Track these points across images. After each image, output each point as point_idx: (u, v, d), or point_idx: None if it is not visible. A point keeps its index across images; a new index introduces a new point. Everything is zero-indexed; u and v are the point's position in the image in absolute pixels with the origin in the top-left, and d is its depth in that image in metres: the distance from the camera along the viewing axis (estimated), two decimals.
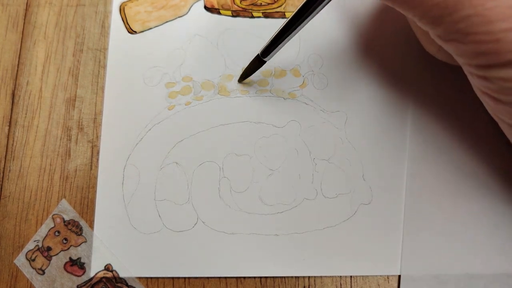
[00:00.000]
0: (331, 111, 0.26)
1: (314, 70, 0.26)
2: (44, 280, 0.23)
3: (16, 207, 0.25)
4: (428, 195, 0.24)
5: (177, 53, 0.27)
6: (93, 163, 0.25)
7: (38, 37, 0.27)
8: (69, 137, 0.26)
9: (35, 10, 0.28)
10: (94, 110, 0.26)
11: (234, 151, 0.25)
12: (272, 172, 0.25)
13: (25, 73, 0.27)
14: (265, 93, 0.26)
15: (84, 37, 0.27)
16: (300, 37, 0.27)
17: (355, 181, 0.25)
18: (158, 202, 0.24)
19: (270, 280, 0.23)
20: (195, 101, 0.26)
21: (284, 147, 0.25)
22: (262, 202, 0.24)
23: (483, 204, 0.24)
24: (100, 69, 0.27)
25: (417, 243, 0.24)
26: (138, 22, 0.27)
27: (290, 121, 0.26)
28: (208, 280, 0.23)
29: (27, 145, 0.25)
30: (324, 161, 0.25)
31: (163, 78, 0.26)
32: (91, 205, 0.25)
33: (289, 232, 0.24)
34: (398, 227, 0.24)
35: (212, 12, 0.28)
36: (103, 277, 0.23)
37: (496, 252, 0.23)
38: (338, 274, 0.23)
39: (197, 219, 0.24)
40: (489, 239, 0.23)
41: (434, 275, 0.23)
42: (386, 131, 0.25)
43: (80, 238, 0.24)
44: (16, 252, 0.24)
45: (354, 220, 0.24)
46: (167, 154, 0.25)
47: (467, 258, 0.23)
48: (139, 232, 0.24)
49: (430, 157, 0.25)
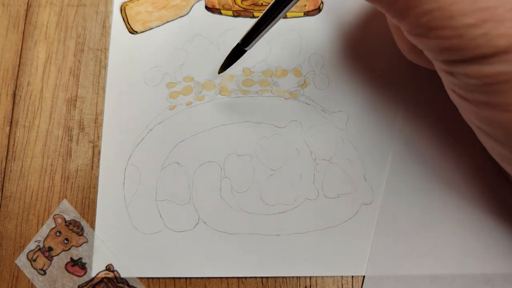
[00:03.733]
0: (332, 111, 0.26)
1: (315, 70, 0.26)
2: (45, 281, 0.23)
3: (17, 207, 0.25)
4: (404, 196, 0.24)
5: (178, 53, 0.27)
6: (94, 163, 0.25)
7: (39, 37, 0.27)
8: (70, 137, 0.26)
9: (36, 10, 0.28)
10: (95, 110, 0.26)
11: (235, 151, 0.25)
12: (273, 172, 0.25)
13: (26, 73, 0.27)
14: (266, 93, 0.26)
15: (85, 37, 0.27)
16: (301, 36, 0.27)
17: (357, 181, 0.25)
18: (159, 202, 0.24)
19: (272, 280, 0.23)
20: (196, 101, 0.26)
21: (285, 147, 0.25)
22: (263, 202, 0.24)
23: (450, 205, 0.24)
24: (101, 69, 0.27)
25: (386, 244, 0.23)
26: (139, 22, 0.27)
27: (291, 121, 0.26)
28: (210, 280, 0.23)
29: (28, 145, 0.25)
30: (325, 161, 0.25)
31: (164, 78, 0.26)
32: (92, 205, 0.25)
33: (290, 232, 0.24)
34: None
35: (213, 12, 0.28)
36: (104, 277, 0.23)
37: (460, 253, 0.23)
38: (339, 274, 0.23)
39: (198, 219, 0.24)
40: (454, 240, 0.23)
41: (401, 275, 0.23)
42: (387, 131, 0.25)
43: (81, 238, 0.24)
44: (17, 252, 0.24)
45: (355, 220, 0.24)
46: (168, 154, 0.25)
47: (432, 259, 0.23)
48: (140, 232, 0.24)
49: (409, 160, 0.25)
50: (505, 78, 0.16)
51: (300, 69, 0.26)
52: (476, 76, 0.17)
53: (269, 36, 0.27)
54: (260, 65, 0.26)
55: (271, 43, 0.27)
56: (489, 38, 0.16)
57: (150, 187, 0.25)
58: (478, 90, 0.17)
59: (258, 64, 0.26)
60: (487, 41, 0.16)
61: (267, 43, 0.27)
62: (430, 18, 0.16)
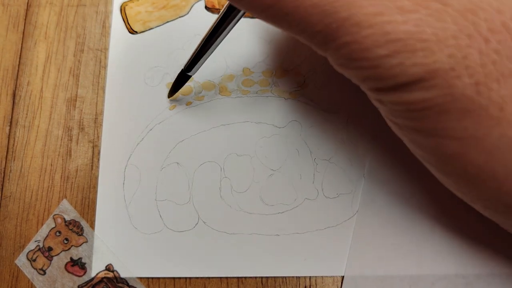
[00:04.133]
0: (332, 111, 0.26)
1: (315, 70, 0.26)
2: (45, 281, 0.23)
3: (17, 207, 0.25)
4: (384, 196, 0.24)
5: (178, 53, 0.27)
6: (94, 163, 0.25)
7: (39, 37, 0.27)
8: (70, 137, 0.26)
9: (35, 10, 0.28)
10: (95, 110, 0.26)
11: (235, 151, 0.25)
12: (273, 172, 0.25)
13: (26, 73, 0.27)
14: (266, 93, 0.26)
15: (85, 37, 0.27)
16: None
17: (356, 181, 0.25)
18: (159, 202, 0.24)
19: (271, 280, 0.23)
20: (196, 101, 0.26)
21: (285, 147, 0.25)
22: (263, 202, 0.24)
23: (431, 204, 0.24)
24: (101, 69, 0.27)
25: (364, 244, 0.23)
26: (139, 22, 0.27)
27: (291, 121, 0.26)
28: (209, 280, 0.23)
29: (28, 145, 0.25)
30: (325, 161, 0.25)
31: (164, 78, 0.26)
32: (92, 205, 0.25)
33: (290, 232, 0.24)
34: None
35: (213, 12, 0.28)
36: (104, 277, 0.23)
37: (443, 253, 0.23)
38: (339, 274, 0.23)
39: (198, 219, 0.24)
40: (435, 240, 0.23)
41: (379, 276, 0.23)
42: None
43: (81, 238, 0.24)
44: (17, 252, 0.24)
45: (355, 220, 0.24)
46: (168, 154, 0.25)
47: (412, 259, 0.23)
48: (140, 232, 0.24)
49: (388, 158, 0.25)
50: (424, 105, 0.17)
51: (300, 69, 0.26)
52: (398, 103, 0.17)
53: (269, 36, 0.27)
54: (260, 65, 0.26)
55: (271, 43, 0.27)
56: (404, 67, 0.16)
57: (150, 187, 0.25)
58: (403, 116, 0.18)
59: (258, 64, 0.27)
60: (403, 71, 0.16)
61: (267, 43, 0.27)
62: (348, 51, 0.17)
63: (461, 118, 0.16)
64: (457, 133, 0.17)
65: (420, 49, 0.16)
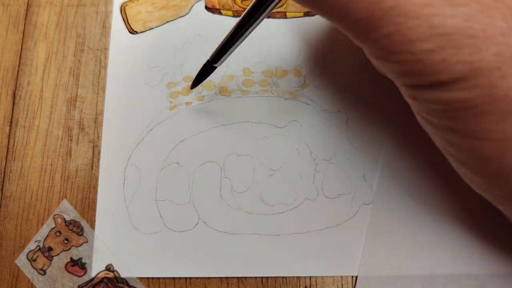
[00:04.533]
0: (332, 111, 0.26)
1: (315, 70, 0.26)
2: (45, 281, 0.23)
3: (17, 207, 0.25)
4: (397, 197, 0.24)
5: (178, 53, 0.27)
6: (94, 163, 0.25)
7: (39, 37, 0.27)
8: (70, 137, 0.26)
9: (36, 10, 0.28)
10: (95, 110, 0.26)
11: (235, 151, 0.25)
12: (273, 172, 0.25)
13: (26, 73, 0.27)
14: (266, 93, 0.26)
15: (85, 37, 0.27)
16: (301, 37, 0.27)
17: (356, 181, 0.25)
18: (159, 202, 0.24)
19: (272, 280, 0.23)
20: (196, 101, 0.26)
21: (285, 147, 0.25)
22: (263, 202, 0.24)
23: (444, 205, 0.24)
24: (101, 69, 0.27)
25: (378, 244, 0.23)
26: (139, 22, 0.27)
27: (291, 121, 0.26)
28: (209, 280, 0.23)
29: (28, 145, 0.25)
30: (325, 161, 0.25)
31: (164, 78, 0.26)
32: (92, 205, 0.25)
33: (290, 232, 0.24)
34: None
35: (213, 12, 0.28)
36: (104, 277, 0.23)
37: (456, 253, 0.23)
38: (339, 274, 0.23)
39: (198, 219, 0.24)
40: (448, 241, 0.23)
41: (393, 276, 0.23)
42: (387, 131, 0.25)
43: (81, 238, 0.24)
44: (17, 252, 0.24)
45: (355, 220, 0.24)
46: (168, 154, 0.25)
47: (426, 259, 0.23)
48: (140, 232, 0.24)
49: (402, 160, 0.24)
50: (464, 105, 0.16)
51: (300, 69, 0.26)
52: (436, 102, 0.17)
53: (269, 36, 0.27)
54: (260, 65, 0.26)
55: (271, 43, 0.27)
56: (447, 64, 0.15)
57: (150, 187, 0.25)
58: (439, 115, 0.17)
59: (258, 64, 0.27)
60: (446, 68, 0.16)
61: (267, 43, 0.27)
62: (390, 42, 0.16)
63: (500, 120, 0.16)
64: (495, 135, 0.16)
65: (466, 46, 0.15)
